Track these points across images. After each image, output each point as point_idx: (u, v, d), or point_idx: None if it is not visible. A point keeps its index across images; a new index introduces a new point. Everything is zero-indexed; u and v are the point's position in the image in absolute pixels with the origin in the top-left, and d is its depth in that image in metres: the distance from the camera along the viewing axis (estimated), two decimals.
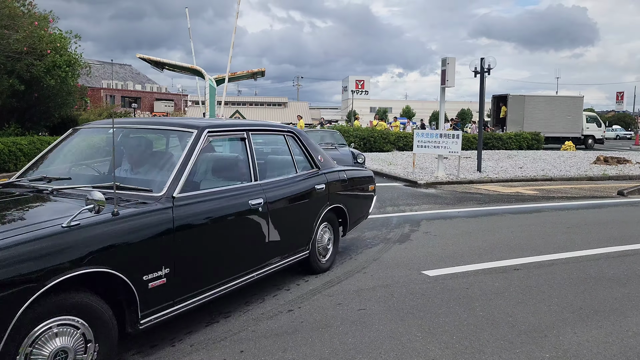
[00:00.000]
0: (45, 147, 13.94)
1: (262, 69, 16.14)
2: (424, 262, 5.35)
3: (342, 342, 3.42)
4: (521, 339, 3.50)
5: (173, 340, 3.42)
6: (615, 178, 13.77)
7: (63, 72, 15.54)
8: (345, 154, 11.51)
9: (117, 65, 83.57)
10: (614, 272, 5.12)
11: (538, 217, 8.13)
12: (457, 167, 13.58)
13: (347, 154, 11.58)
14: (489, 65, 14.05)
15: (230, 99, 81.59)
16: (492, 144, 25.71)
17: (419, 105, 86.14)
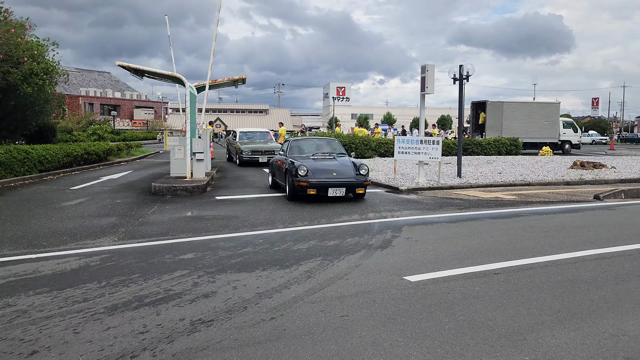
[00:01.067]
0: (22, 155, 13.71)
1: (243, 76, 16.13)
2: (406, 268, 5.39)
3: (325, 349, 3.43)
4: (501, 343, 3.55)
5: (154, 350, 3.39)
6: (592, 182, 14.05)
7: (40, 79, 15.33)
8: (345, 165, 10.46)
9: (96, 73, 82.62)
10: (590, 274, 5.22)
11: (517, 221, 8.26)
12: (438, 173, 13.71)
13: (347, 165, 10.45)
14: (467, 73, 14.26)
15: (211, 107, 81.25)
16: (472, 150, 26.03)
17: (400, 111, 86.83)
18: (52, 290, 4.63)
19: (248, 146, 19.52)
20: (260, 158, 19.00)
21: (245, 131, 21.95)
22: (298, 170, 9.88)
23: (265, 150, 19.28)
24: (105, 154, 20.39)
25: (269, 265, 5.45)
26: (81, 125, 35.68)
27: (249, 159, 19.17)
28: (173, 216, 8.58)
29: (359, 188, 10.08)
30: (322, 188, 9.79)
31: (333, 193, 9.83)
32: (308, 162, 10.41)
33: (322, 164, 10.43)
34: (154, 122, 67.27)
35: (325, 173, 9.99)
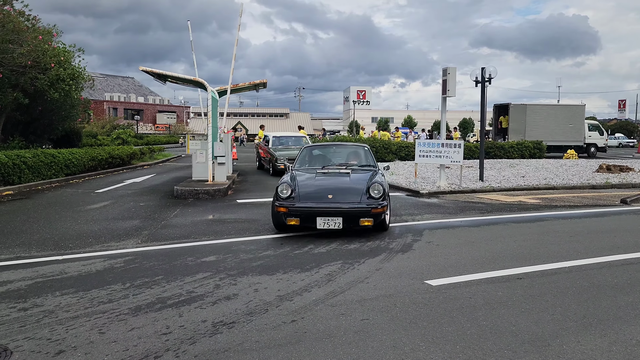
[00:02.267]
0: (49, 159, 14.03)
1: (264, 80, 16.24)
2: (427, 272, 5.36)
3: (346, 353, 3.42)
4: (524, 348, 3.50)
5: (177, 351, 3.43)
6: (618, 186, 13.76)
7: (67, 85, 15.68)
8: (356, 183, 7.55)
9: (120, 78, 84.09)
10: (617, 280, 5.11)
11: (541, 226, 8.13)
12: (460, 177, 13.59)
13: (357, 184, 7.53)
14: (489, 75, 14.12)
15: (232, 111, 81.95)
16: (494, 153, 25.72)
17: (420, 115, 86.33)
18: (78, 291, 4.72)
19: (283, 153, 16.95)
20: None
21: (279, 136, 19.36)
22: (278, 190, 7.30)
23: None
24: (129, 158, 20.71)
25: (290, 268, 5.47)
26: (105, 130, 36.34)
27: (284, 167, 17.81)
28: (195, 219, 8.67)
29: (365, 218, 6.97)
30: (307, 217, 7.00)
31: (323, 225, 6.93)
32: (305, 177, 7.89)
33: (322, 181, 7.69)
34: (176, 126, 68.06)
35: (318, 195, 7.19)
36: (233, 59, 14.67)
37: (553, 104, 34.29)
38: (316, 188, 7.42)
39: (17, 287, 4.89)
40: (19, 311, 4.21)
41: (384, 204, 7.15)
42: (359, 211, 7.00)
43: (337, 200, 7.08)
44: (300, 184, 7.52)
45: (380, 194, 7.21)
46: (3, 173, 12.20)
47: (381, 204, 7.11)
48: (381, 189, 7.29)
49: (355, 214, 7.00)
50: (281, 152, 17.08)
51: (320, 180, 7.74)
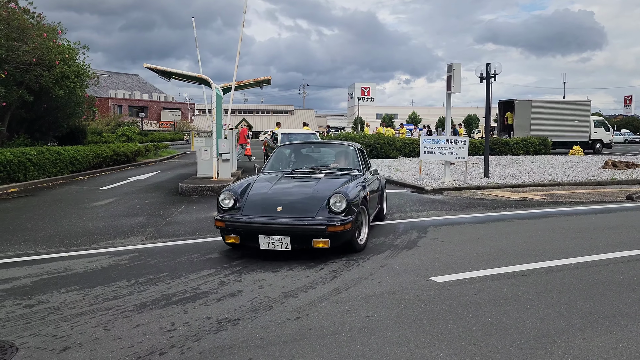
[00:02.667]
0: (54, 157, 14.08)
1: (269, 77, 16.24)
2: (432, 269, 5.34)
3: (351, 349, 3.42)
4: (530, 345, 3.49)
5: (182, 348, 3.43)
6: (624, 182, 13.68)
7: (71, 82, 15.73)
8: (318, 193, 5.99)
9: (125, 75, 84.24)
10: (623, 277, 5.08)
11: (546, 222, 8.10)
12: (464, 173, 13.55)
13: (320, 193, 5.97)
14: (494, 71, 14.06)
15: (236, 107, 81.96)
16: (499, 149, 25.64)
17: (425, 111, 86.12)
18: (83, 288, 4.73)
19: None
20: None
21: (288, 133, 18.20)
22: (219, 199, 6.00)
23: None
24: (134, 155, 20.77)
25: (294, 265, 5.46)
26: (110, 127, 36.46)
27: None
28: (200, 216, 8.68)
29: (319, 239, 5.45)
30: (247, 234, 5.65)
31: (267, 245, 5.55)
32: (263, 183, 6.47)
33: (280, 188, 6.23)
34: (181, 123, 68.22)
35: (266, 207, 5.79)
36: (237, 55, 14.66)
37: (558, 100, 34.13)
38: (266, 198, 5.96)
39: (22, 283, 4.91)
40: (24, 308, 4.22)
41: (347, 221, 5.53)
42: (310, 229, 5.46)
43: (287, 214, 5.62)
44: (252, 192, 6.13)
45: (342, 207, 5.61)
46: (8, 170, 12.25)
47: (343, 221, 5.50)
48: (344, 202, 5.63)
49: (305, 233, 5.47)
50: None
51: (277, 188, 6.22)
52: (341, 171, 7.07)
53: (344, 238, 5.67)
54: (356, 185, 6.33)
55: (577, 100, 33.80)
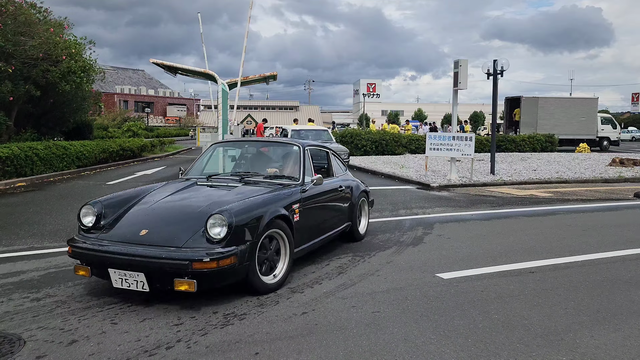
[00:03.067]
0: (60, 151, 14.14)
1: (274, 72, 16.23)
2: (438, 265, 5.33)
3: (357, 345, 3.42)
4: (537, 342, 3.47)
5: (189, 342, 3.44)
6: (632, 180, 13.60)
7: (78, 77, 15.76)
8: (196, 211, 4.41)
9: (131, 71, 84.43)
10: (631, 275, 5.06)
11: (553, 219, 8.06)
12: (470, 170, 13.51)
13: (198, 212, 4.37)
14: (501, 67, 13.98)
15: (242, 103, 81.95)
16: (506, 146, 25.53)
17: (431, 108, 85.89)
18: (90, 282, 4.75)
19: None
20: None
21: (298, 129, 17.34)
22: (80, 214, 4.56)
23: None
24: (140, 150, 20.82)
25: (300, 261, 5.45)
26: (116, 122, 36.56)
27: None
28: None
29: (182, 278, 3.90)
30: (97, 266, 4.20)
31: (121, 283, 4.11)
32: (158, 194, 4.97)
33: (165, 202, 4.71)
34: (187, 119, 68.32)
35: (131, 228, 4.31)
36: (243, 51, 14.65)
37: (565, 97, 33.93)
38: (137, 215, 4.48)
39: (30, 277, 4.93)
40: (32, 301, 4.24)
41: (225, 254, 3.95)
42: (168, 264, 3.90)
43: (149, 241, 4.10)
44: (135, 205, 4.69)
45: (221, 233, 4.02)
46: (16, 165, 12.31)
47: (219, 255, 3.93)
48: (223, 226, 4.03)
49: (163, 269, 3.93)
50: None
51: (163, 202, 4.68)
52: (271, 179, 5.33)
53: (221, 280, 4.07)
54: (271, 199, 4.64)
55: (584, 97, 33.61)
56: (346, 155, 15.27)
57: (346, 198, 6.16)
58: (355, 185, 6.59)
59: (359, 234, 6.47)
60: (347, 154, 15.33)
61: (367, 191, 6.89)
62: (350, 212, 6.23)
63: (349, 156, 16.00)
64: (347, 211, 6.18)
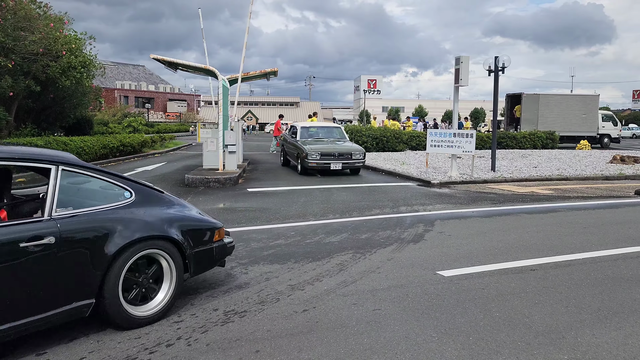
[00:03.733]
0: (61, 147, 14.11)
1: (275, 69, 16.17)
2: (439, 262, 5.32)
3: (358, 342, 3.41)
4: (538, 341, 3.46)
5: (189, 339, 3.43)
6: (633, 177, 13.57)
7: (78, 73, 15.73)
8: None
9: (131, 66, 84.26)
10: (632, 273, 5.04)
11: (554, 217, 8.04)
12: (471, 167, 13.48)
13: None
14: (503, 64, 13.93)
15: (242, 99, 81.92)
16: (506, 143, 25.49)
17: (432, 104, 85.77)
18: None
19: (315, 147, 13.73)
20: (333, 164, 13.46)
21: (308, 126, 16.06)
22: None
23: (340, 153, 13.73)
24: (140, 146, 20.80)
25: (301, 258, 5.45)
26: (117, 118, 36.52)
27: (316, 164, 13.44)
28: (206, 207, 8.68)
29: None
30: None
31: None
32: None
33: None
34: (187, 115, 68.27)
35: None
36: (244, 47, 14.61)
37: (566, 94, 33.86)
38: None
39: None
40: None
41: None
42: None
43: None
44: None
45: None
46: None
47: None
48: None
49: None
50: (312, 145, 13.93)
51: None
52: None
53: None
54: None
55: (585, 94, 33.51)
56: (362, 155, 13.86)
57: (75, 252, 3.32)
58: (129, 224, 3.62)
59: (123, 319, 3.56)
60: (362, 154, 13.89)
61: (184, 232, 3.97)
62: (87, 279, 3.39)
63: (365, 156, 14.20)
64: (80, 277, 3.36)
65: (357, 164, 13.80)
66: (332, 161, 13.49)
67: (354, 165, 13.79)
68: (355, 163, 13.73)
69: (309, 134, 15.34)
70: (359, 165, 13.92)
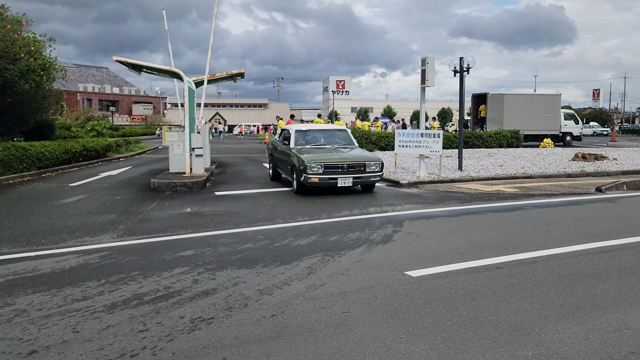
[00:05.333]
0: (20, 153, 13.64)
1: (242, 70, 16.04)
2: (407, 263, 5.35)
3: (326, 346, 3.39)
4: (504, 338, 3.51)
5: (154, 349, 3.35)
6: (594, 174, 13.99)
7: (37, 76, 15.24)
8: None
9: (94, 69, 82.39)
10: (593, 268, 5.18)
11: (519, 215, 8.21)
12: (439, 167, 13.66)
13: None
14: (468, 65, 14.17)
15: (210, 101, 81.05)
16: (473, 143, 25.95)
17: (400, 104, 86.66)
18: (51, 289, 4.59)
19: (315, 157, 10.37)
20: (342, 179, 10.13)
21: (304, 129, 12.40)
22: None
23: (349, 164, 10.30)
24: (104, 150, 20.32)
25: (270, 262, 5.41)
26: (79, 122, 35.59)
27: (319, 180, 10.06)
28: (173, 212, 8.53)
29: None
30: None
31: None
32: None
33: None
34: (153, 118, 67.14)
35: None
36: (209, 48, 14.44)
37: (530, 94, 34.71)
38: None
39: None
40: None
41: None
42: None
43: None
44: None
45: None
46: None
47: None
48: None
49: None
50: (311, 154, 10.58)
51: None
52: None
53: None
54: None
55: (548, 93, 34.44)
56: (378, 166, 10.45)
57: None
58: None
59: None
60: (379, 165, 10.47)
61: None
62: None
63: (383, 167, 10.67)
64: None
65: (372, 179, 10.46)
66: (340, 175, 10.11)
67: (369, 181, 10.46)
68: (370, 177, 10.37)
69: (306, 139, 11.85)
70: (374, 181, 10.62)
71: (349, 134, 12.42)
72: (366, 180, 10.39)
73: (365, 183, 10.54)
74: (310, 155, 10.49)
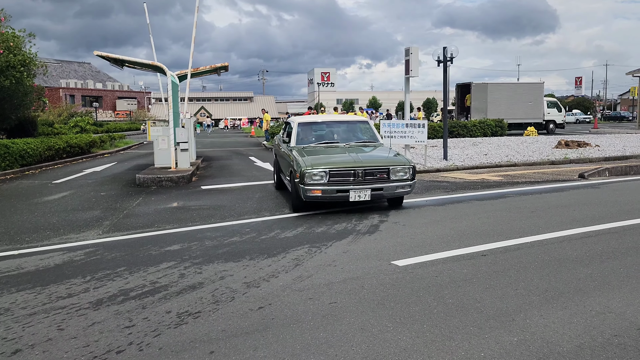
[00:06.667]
0: (2, 150, 13.42)
1: (226, 63, 15.92)
2: (394, 252, 5.38)
3: (314, 337, 3.40)
4: (490, 324, 3.55)
5: (140, 344, 3.34)
6: (576, 161, 14.16)
7: (18, 72, 15.02)
8: None
9: (76, 64, 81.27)
10: (576, 253, 5.25)
11: (503, 202, 8.29)
12: (424, 156, 13.72)
13: None
14: (451, 54, 14.21)
15: (195, 95, 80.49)
16: (458, 132, 26.09)
17: (385, 95, 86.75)
18: (36, 287, 4.54)
19: (317, 160, 7.63)
20: (354, 192, 7.34)
21: (310, 122, 9.71)
22: None
23: (367, 169, 7.47)
24: (88, 147, 20.09)
25: (256, 254, 5.40)
26: (62, 118, 35.15)
27: (321, 193, 7.33)
28: (158, 207, 8.48)
29: None
30: None
31: None
32: None
33: None
34: (137, 113, 66.47)
35: None
36: (192, 42, 14.31)
37: (513, 83, 34.94)
38: None
39: None
40: None
41: None
42: None
43: None
44: None
45: None
46: None
47: None
48: None
49: None
50: (314, 156, 7.88)
51: None
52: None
53: None
54: None
55: (531, 82, 34.71)
56: (408, 171, 7.61)
57: None
58: None
59: None
60: (410, 170, 7.63)
61: None
62: None
63: (415, 174, 7.75)
64: None
65: (399, 190, 7.59)
66: (352, 186, 7.37)
67: (394, 193, 7.61)
68: (396, 188, 7.55)
69: (313, 135, 9.13)
70: (402, 192, 7.67)
71: (372, 127, 9.53)
72: (391, 192, 7.55)
73: (390, 196, 7.78)
74: (312, 158, 7.76)
